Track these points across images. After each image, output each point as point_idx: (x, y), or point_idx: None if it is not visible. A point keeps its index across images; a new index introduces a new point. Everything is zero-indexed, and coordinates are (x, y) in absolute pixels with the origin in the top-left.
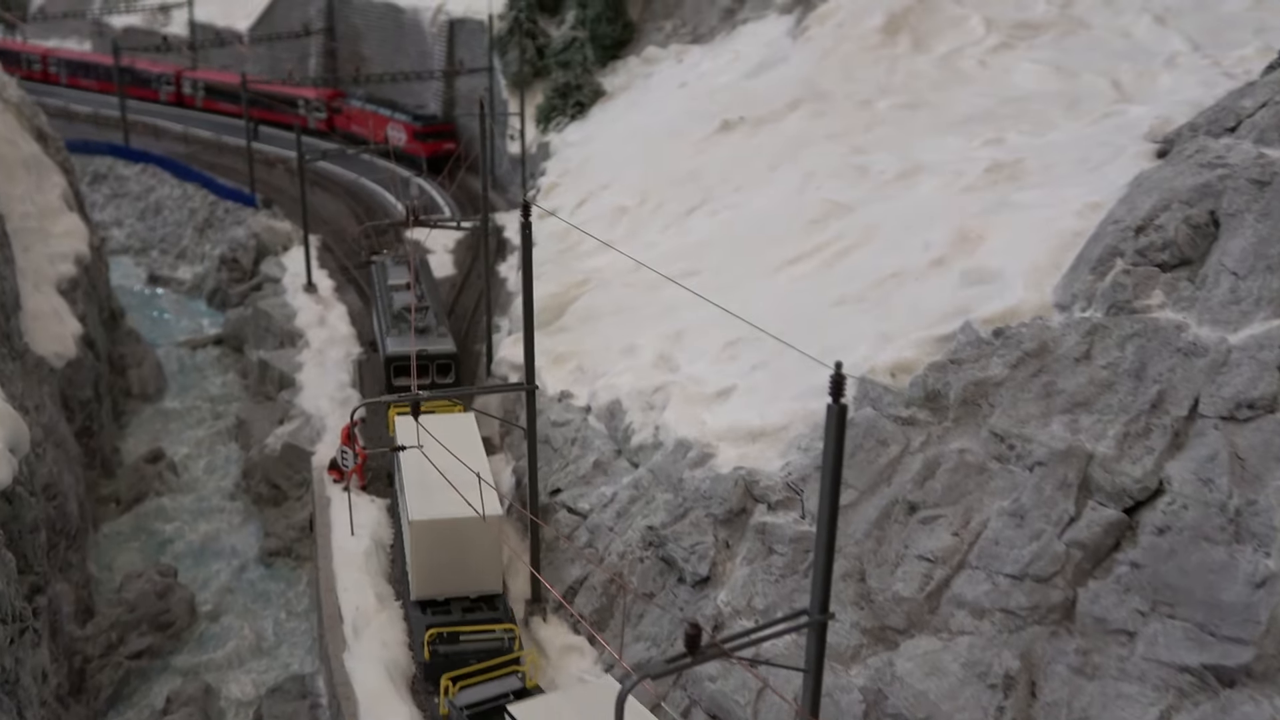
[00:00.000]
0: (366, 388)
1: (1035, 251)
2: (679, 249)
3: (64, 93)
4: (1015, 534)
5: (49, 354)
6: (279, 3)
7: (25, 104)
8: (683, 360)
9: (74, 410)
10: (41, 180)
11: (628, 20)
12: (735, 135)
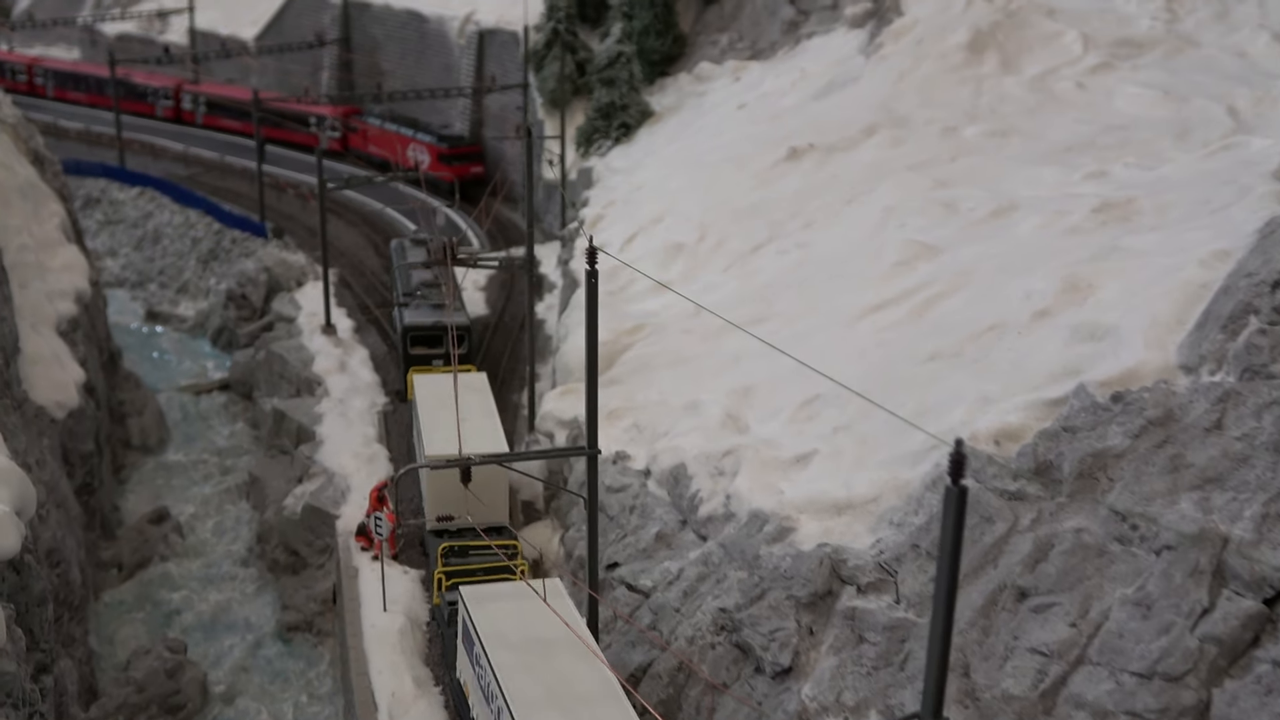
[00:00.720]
0: (394, 442)
1: (1155, 305)
2: (743, 292)
3: (52, 107)
4: (1141, 626)
5: (49, 403)
6: (289, 9)
7: (21, 124)
8: (753, 420)
9: (74, 465)
10: (39, 209)
11: (678, 33)
12: (804, 164)
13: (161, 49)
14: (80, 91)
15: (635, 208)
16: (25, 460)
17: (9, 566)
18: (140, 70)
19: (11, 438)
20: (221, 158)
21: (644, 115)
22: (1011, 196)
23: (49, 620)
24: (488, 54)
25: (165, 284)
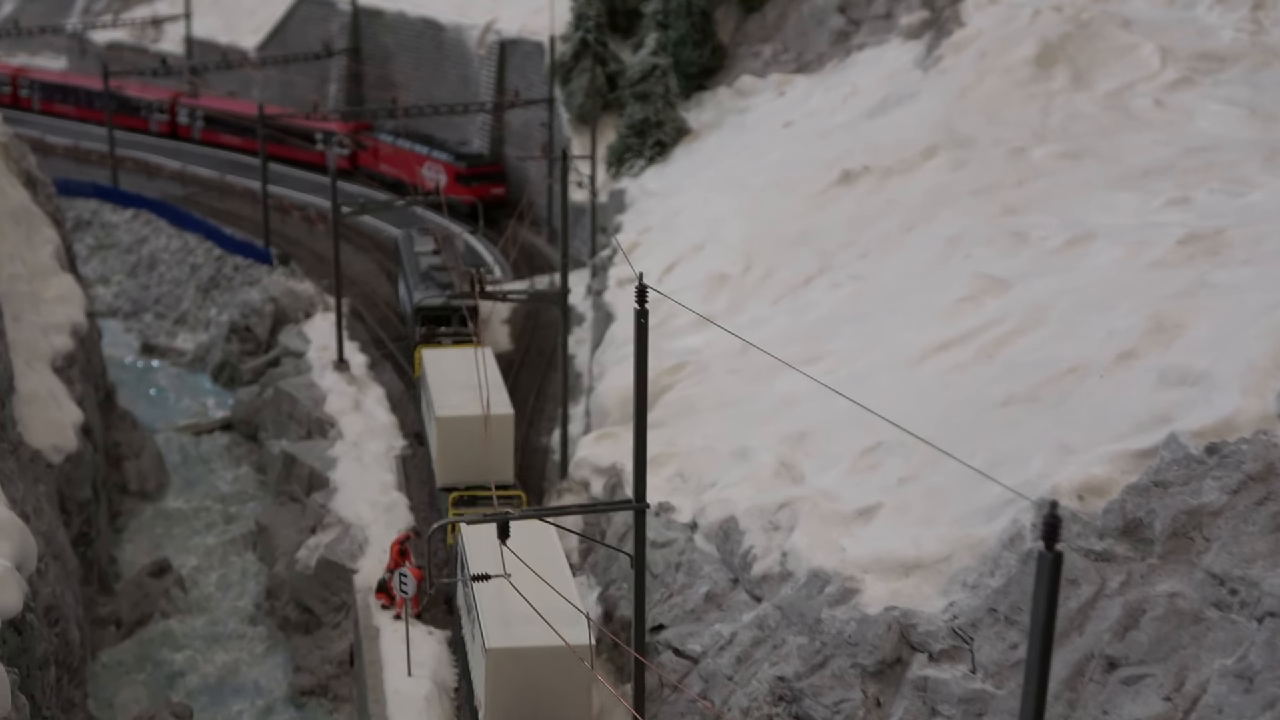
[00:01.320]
0: (415, 490)
1: (1251, 347)
2: (794, 328)
3: (38, 121)
4: (1243, 701)
5: (46, 446)
6: (293, 17)
7: (12, 142)
8: (809, 469)
9: (71, 513)
10: (32, 235)
11: (717, 44)
12: (858, 188)
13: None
14: (69, 104)
15: (674, 234)
16: (23, 509)
17: (10, 627)
18: (133, 82)
19: (9, 485)
20: (222, 177)
21: (680, 133)
22: (1087, 225)
23: (50, 684)
24: (509, 66)
25: (162, 314)
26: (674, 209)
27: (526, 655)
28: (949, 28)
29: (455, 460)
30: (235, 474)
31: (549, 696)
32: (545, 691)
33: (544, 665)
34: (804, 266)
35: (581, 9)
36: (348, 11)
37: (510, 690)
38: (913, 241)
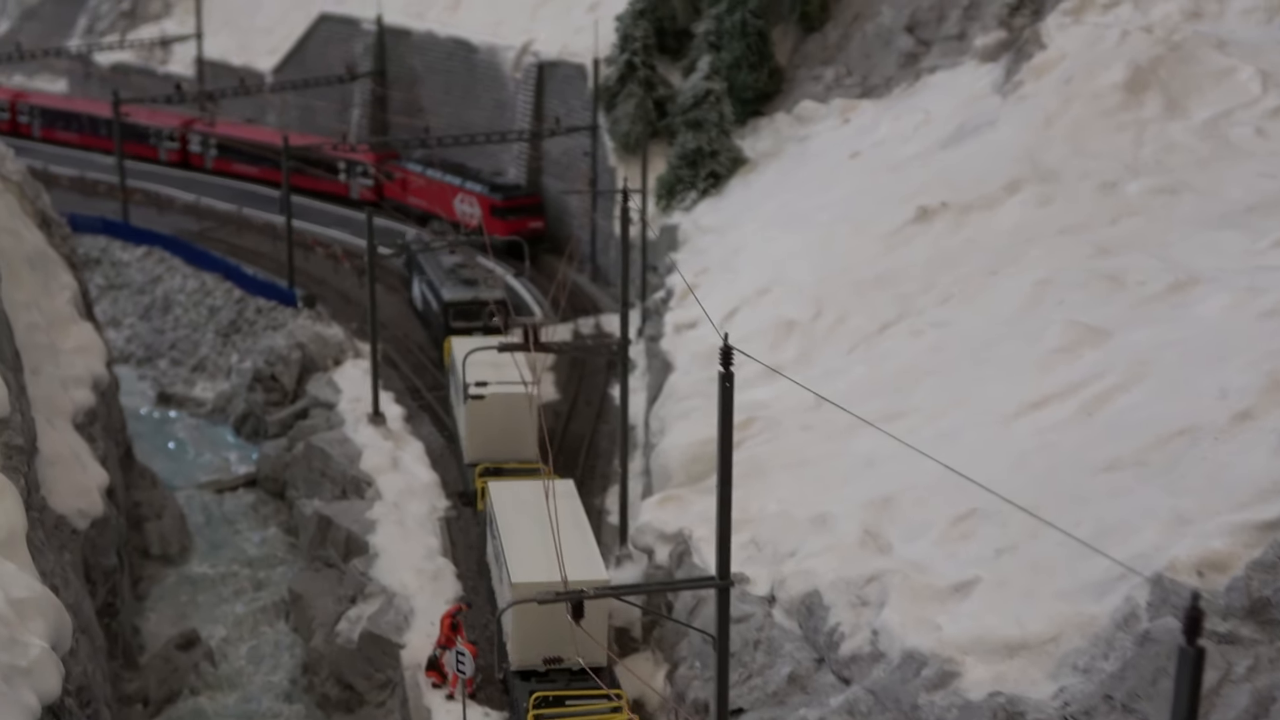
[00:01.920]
0: (461, 555)
1: None
2: (872, 380)
3: (39, 149)
4: None
5: (70, 512)
6: (312, 37)
7: (27, 181)
8: (897, 538)
9: (96, 583)
10: (48, 280)
11: (775, 66)
12: (936, 226)
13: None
14: (72, 131)
15: (735, 275)
16: (51, 581)
17: (48, 713)
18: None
19: (39, 556)
20: (239, 210)
21: (736, 163)
22: (1189, 268)
23: None
24: (548, 90)
25: (178, 360)
26: (733, 247)
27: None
28: (1029, 50)
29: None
30: (263, 535)
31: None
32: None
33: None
34: (880, 312)
35: (627, 29)
36: (372, 31)
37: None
38: (998, 285)
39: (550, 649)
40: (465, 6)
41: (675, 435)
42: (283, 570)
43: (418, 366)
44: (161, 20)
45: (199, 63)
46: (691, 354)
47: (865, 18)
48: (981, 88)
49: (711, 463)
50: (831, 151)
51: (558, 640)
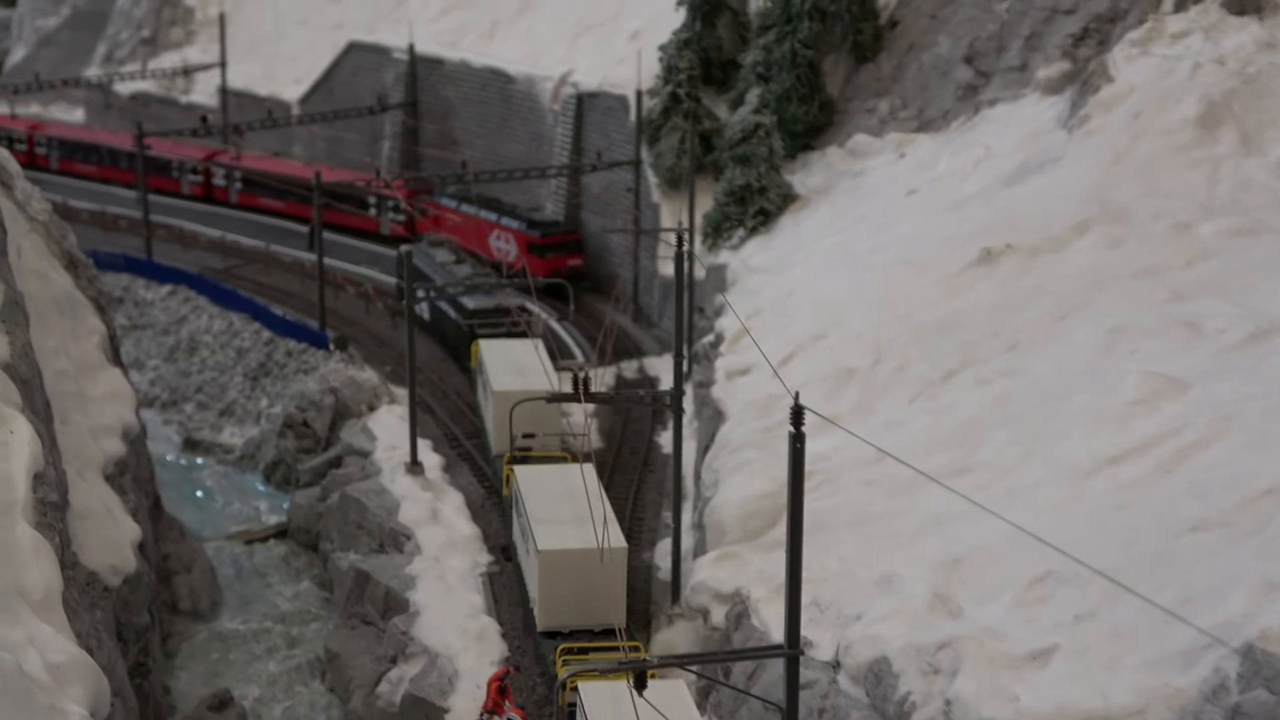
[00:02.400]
0: (505, 613)
1: None
2: (936, 432)
3: (58, 182)
4: None
5: (103, 568)
6: (341, 66)
7: (53, 221)
8: (968, 601)
9: (128, 642)
10: (76, 324)
11: (826, 98)
12: (1001, 269)
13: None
14: (90, 164)
15: (788, 319)
16: (86, 643)
17: None
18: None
19: (74, 617)
20: (266, 246)
21: (786, 199)
22: (1270, 315)
23: None
24: (587, 122)
25: (205, 405)
26: (785, 289)
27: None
28: (1095, 82)
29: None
30: (295, 589)
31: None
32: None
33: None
34: (944, 360)
35: (672, 59)
36: (404, 60)
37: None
38: (1068, 332)
39: (575, 611)
40: (501, 35)
41: (730, 489)
42: (316, 627)
43: (455, 413)
44: (183, 48)
45: (222, 92)
46: (745, 402)
47: (921, 48)
48: (1045, 122)
49: (769, 518)
50: (887, 188)
51: (582, 602)
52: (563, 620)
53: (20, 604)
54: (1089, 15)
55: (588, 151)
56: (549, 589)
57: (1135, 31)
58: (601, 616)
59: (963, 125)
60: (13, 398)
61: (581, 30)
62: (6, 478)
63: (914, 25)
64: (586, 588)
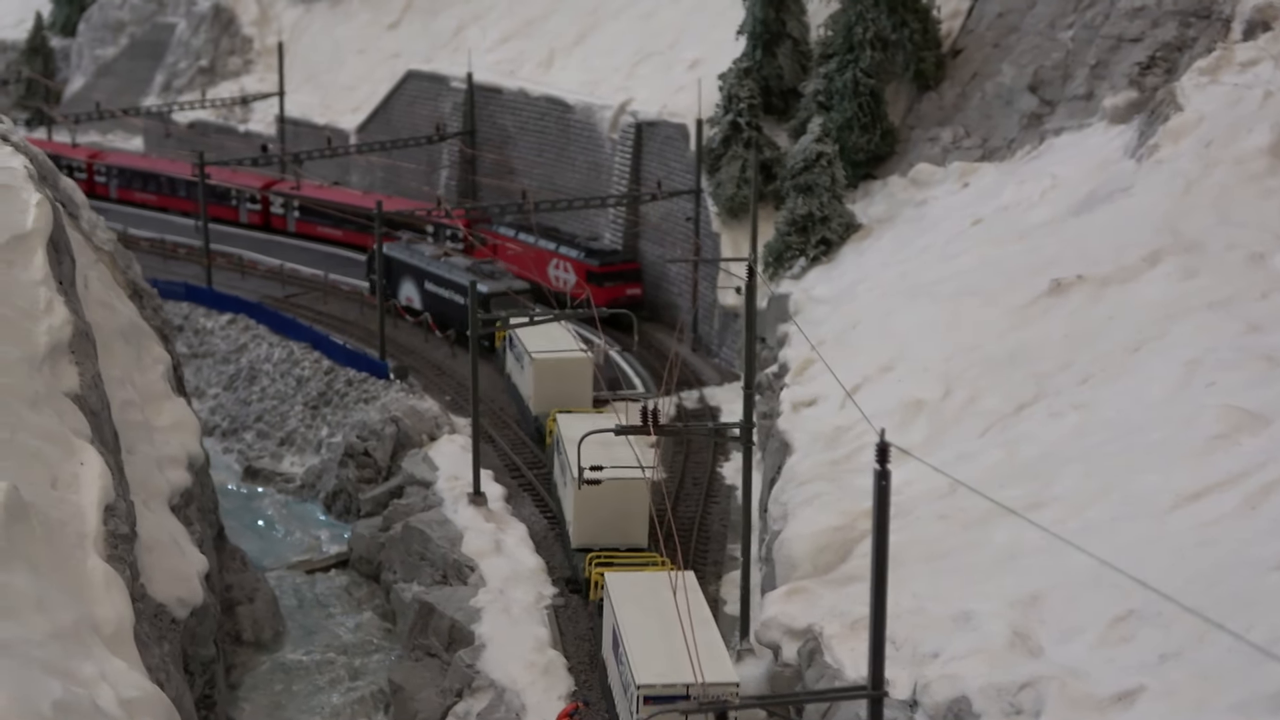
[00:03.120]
0: (572, 647)
1: None
2: (1009, 465)
3: (118, 211)
4: None
5: (170, 600)
6: (398, 95)
7: (119, 251)
8: (1048, 640)
9: (194, 674)
10: (141, 354)
11: (888, 127)
12: (1071, 300)
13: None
14: (150, 192)
15: (854, 350)
16: (156, 676)
17: None
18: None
19: (145, 650)
20: (325, 276)
21: (848, 229)
22: None
23: None
24: (646, 151)
25: (265, 434)
26: (850, 319)
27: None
28: (1164, 111)
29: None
30: (357, 620)
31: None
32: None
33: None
34: (1015, 392)
35: (732, 88)
36: (462, 89)
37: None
38: (1142, 364)
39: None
40: (559, 64)
41: (799, 523)
42: (379, 658)
43: (515, 443)
44: (241, 77)
45: (280, 121)
46: (811, 434)
47: (984, 76)
48: (1112, 151)
49: (840, 553)
50: (952, 217)
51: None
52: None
53: (93, 638)
54: (1156, 44)
55: (646, 180)
56: (584, 508)
57: (1203, 60)
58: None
59: (1028, 154)
60: (83, 429)
61: (640, 59)
62: (78, 510)
63: (976, 54)
64: (617, 512)
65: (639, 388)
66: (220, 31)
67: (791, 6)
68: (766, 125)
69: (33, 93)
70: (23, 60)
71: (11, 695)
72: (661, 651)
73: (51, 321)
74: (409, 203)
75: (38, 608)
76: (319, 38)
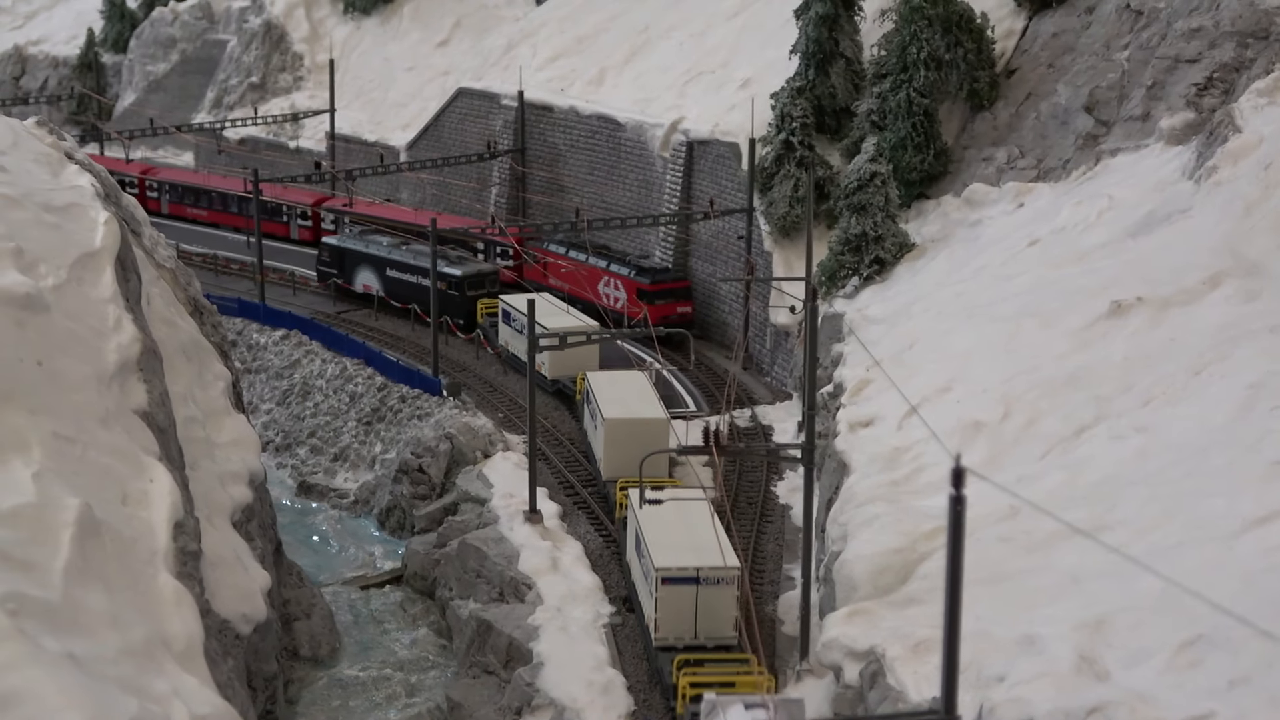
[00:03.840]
0: (630, 664)
1: None
2: (1071, 489)
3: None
4: None
5: (234, 616)
6: (449, 113)
7: (179, 268)
8: (1114, 664)
9: (257, 690)
10: (202, 371)
11: (941, 147)
12: (1131, 322)
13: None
14: (201, 208)
15: (911, 371)
16: (224, 694)
17: None
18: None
19: (214, 667)
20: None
21: (902, 248)
22: None
23: None
24: (698, 170)
25: (318, 449)
26: (906, 340)
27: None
28: (1222, 132)
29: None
30: (413, 636)
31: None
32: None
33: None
34: (1076, 414)
35: (785, 107)
36: (512, 107)
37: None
38: (1204, 387)
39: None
40: (610, 82)
41: (859, 544)
42: (435, 675)
43: (570, 460)
44: (291, 93)
45: (330, 137)
46: (870, 455)
47: (1039, 96)
48: (1170, 172)
49: (901, 575)
50: (1007, 238)
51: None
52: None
53: (164, 655)
54: (1213, 64)
55: (696, 198)
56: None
57: (1261, 81)
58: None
59: (1083, 175)
60: (151, 447)
61: (691, 78)
62: (148, 527)
63: (1031, 74)
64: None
65: (690, 405)
66: (271, 48)
67: (845, 26)
68: (819, 144)
69: (84, 108)
70: (75, 76)
71: (90, 712)
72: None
73: (120, 339)
74: (460, 220)
75: (111, 624)
76: (369, 55)
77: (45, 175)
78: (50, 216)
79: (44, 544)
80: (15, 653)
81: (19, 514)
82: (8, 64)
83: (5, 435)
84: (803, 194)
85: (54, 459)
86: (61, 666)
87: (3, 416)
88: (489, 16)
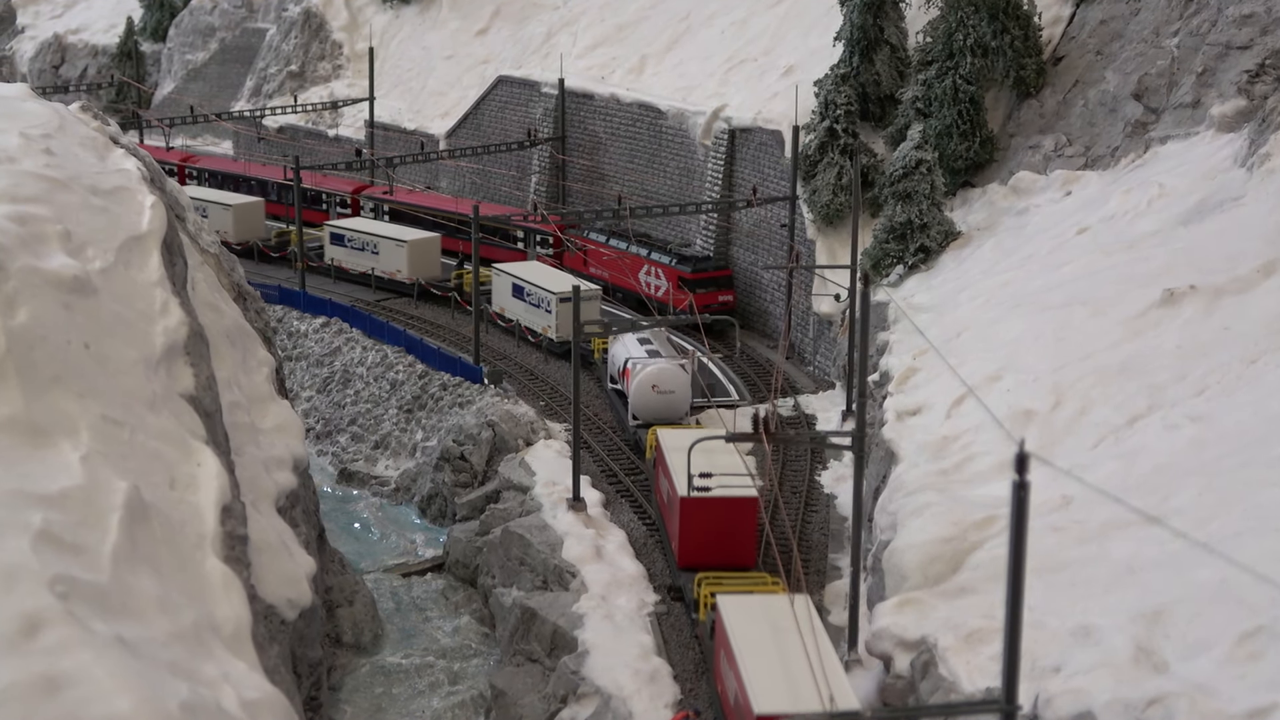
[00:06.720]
0: (675, 652)
1: None
2: (1125, 478)
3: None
4: None
5: (280, 601)
6: (488, 101)
7: (223, 254)
8: (1172, 655)
9: (302, 676)
10: (246, 356)
11: (987, 134)
12: (1184, 311)
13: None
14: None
15: (959, 359)
16: (272, 678)
17: None
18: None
19: (262, 652)
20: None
21: (948, 237)
22: None
23: None
24: (740, 158)
25: (359, 437)
26: (954, 328)
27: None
28: (1275, 119)
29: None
30: (455, 624)
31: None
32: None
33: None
34: (1129, 404)
35: (829, 94)
36: (553, 95)
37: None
38: (1260, 376)
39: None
40: (650, 70)
41: (909, 534)
42: (478, 662)
43: (612, 449)
44: (330, 82)
45: (369, 125)
46: (918, 444)
47: (1087, 83)
48: (1221, 160)
49: (951, 564)
50: (1055, 226)
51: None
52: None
53: (213, 639)
54: (1265, 51)
55: (738, 186)
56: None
57: None
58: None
59: (1133, 163)
60: (198, 431)
61: (733, 65)
62: (196, 511)
63: (1079, 61)
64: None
65: (733, 394)
66: (310, 37)
67: (890, 13)
68: (863, 132)
69: (123, 97)
70: (114, 65)
71: (142, 696)
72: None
73: (167, 323)
74: (500, 208)
75: (160, 608)
76: (408, 43)
77: (92, 159)
78: (97, 200)
79: (93, 527)
80: (66, 636)
81: (68, 497)
82: (47, 53)
83: (54, 418)
84: (846, 182)
85: (102, 442)
86: (112, 650)
87: (51, 399)
88: (528, 5)
